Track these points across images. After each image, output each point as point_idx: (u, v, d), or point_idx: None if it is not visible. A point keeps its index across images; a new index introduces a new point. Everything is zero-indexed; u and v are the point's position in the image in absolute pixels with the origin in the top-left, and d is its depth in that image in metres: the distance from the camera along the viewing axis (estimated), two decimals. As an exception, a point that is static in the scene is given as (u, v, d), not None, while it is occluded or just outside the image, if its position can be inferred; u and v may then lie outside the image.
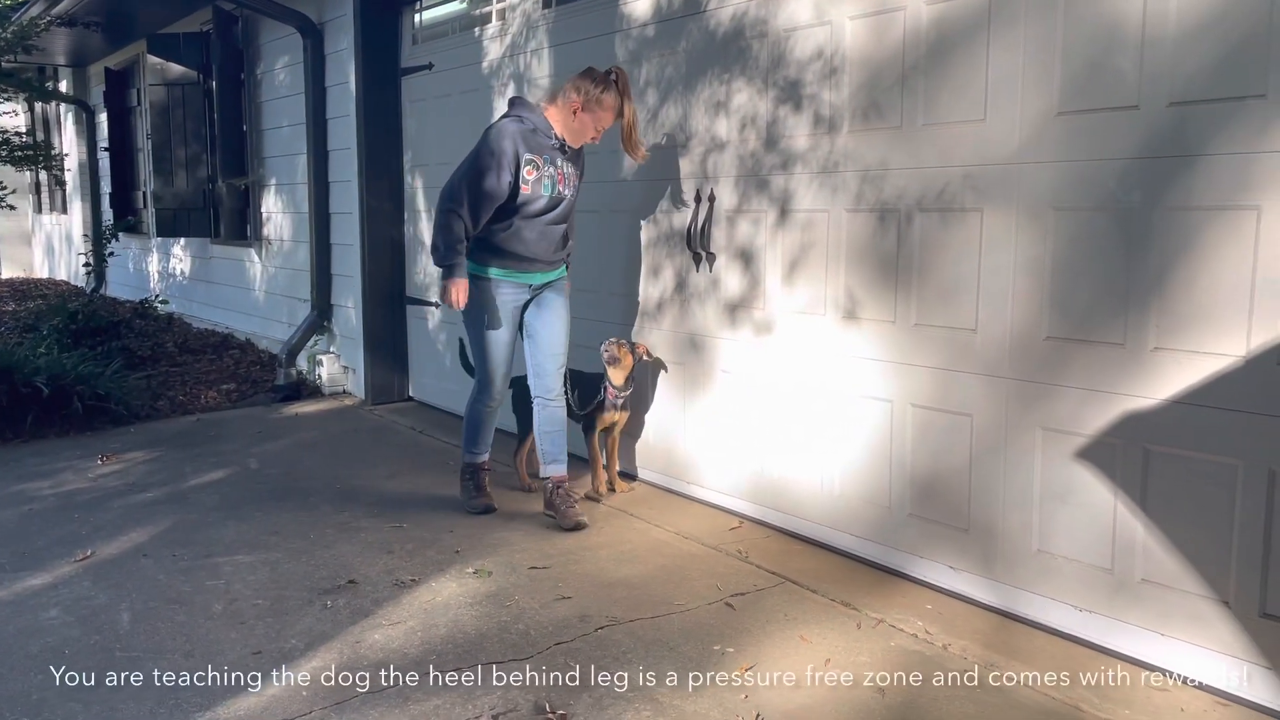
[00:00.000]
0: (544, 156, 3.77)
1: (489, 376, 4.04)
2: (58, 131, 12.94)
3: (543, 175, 3.76)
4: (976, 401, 3.15)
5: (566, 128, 3.80)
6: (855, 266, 3.49)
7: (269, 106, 7.43)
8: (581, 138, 3.83)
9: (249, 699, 2.65)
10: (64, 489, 4.54)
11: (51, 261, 14.29)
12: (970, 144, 3.10)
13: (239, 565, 3.60)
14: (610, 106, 3.75)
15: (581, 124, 3.78)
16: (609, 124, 3.83)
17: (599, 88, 3.73)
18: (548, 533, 3.93)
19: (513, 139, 3.70)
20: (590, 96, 3.73)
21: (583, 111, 3.75)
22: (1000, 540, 3.12)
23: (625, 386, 4.18)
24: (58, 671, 2.81)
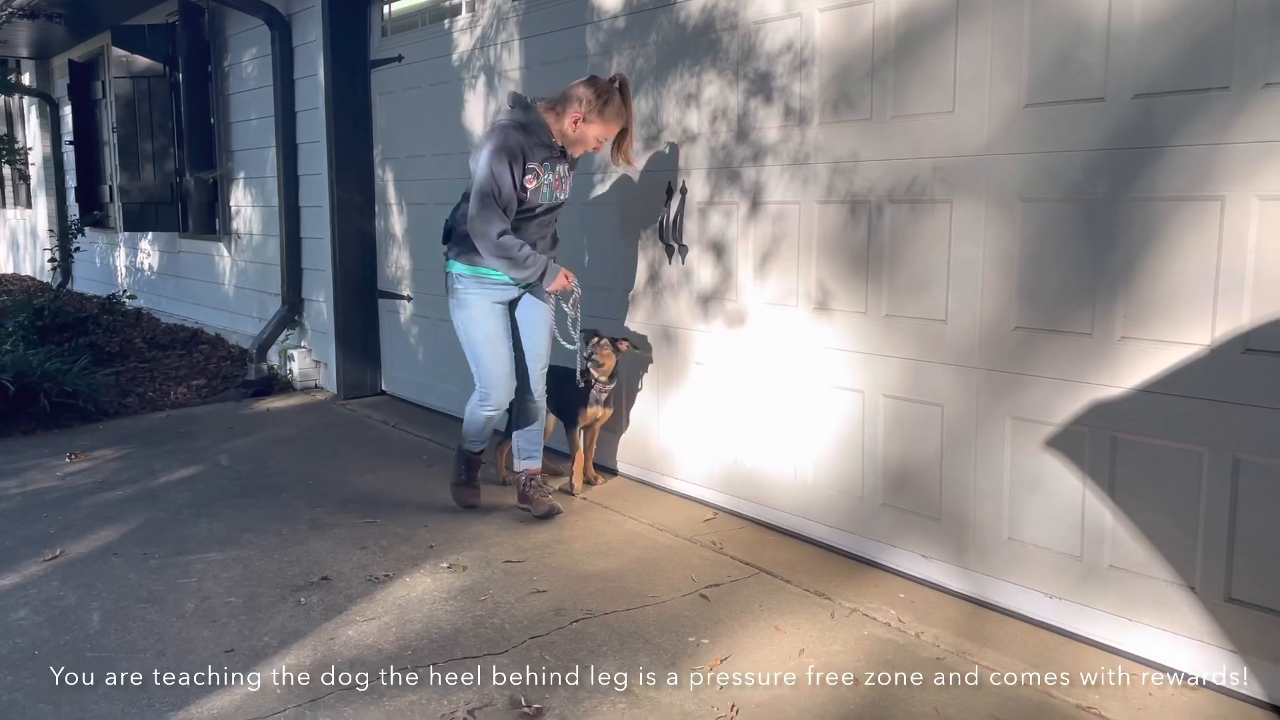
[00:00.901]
0: (544, 165, 3.66)
1: (491, 382, 3.88)
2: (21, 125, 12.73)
3: (542, 184, 3.66)
4: (947, 392, 3.18)
5: (564, 136, 3.67)
6: (827, 258, 3.50)
7: (237, 99, 7.35)
8: (580, 148, 3.71)
9: (222, 697, 2.64)
10: (31, 487, 4.49)
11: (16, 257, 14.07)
12: (940, 135, 3.12)
13: (211, 563, 3.57)
14: (613, 120, 3.63)
15: (581, 135, 3.65)
16: (611, 136, 3.69)
17: (602, 100, 3.58)
18: (522, 527, 3.92)
19: (519, 150, 3.57)
20: (592, 109, 3.58)
21: (584, 124, 3.61)
22: (972, 529, 3.15)
23: (609, 382, 4.14)
24: (27, 672, 2.78)
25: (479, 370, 3.88)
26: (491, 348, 3.83)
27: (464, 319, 3.84)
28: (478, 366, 3.87)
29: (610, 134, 3.67)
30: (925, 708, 2.56)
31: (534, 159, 3.61)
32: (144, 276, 9.46)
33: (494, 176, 3.53)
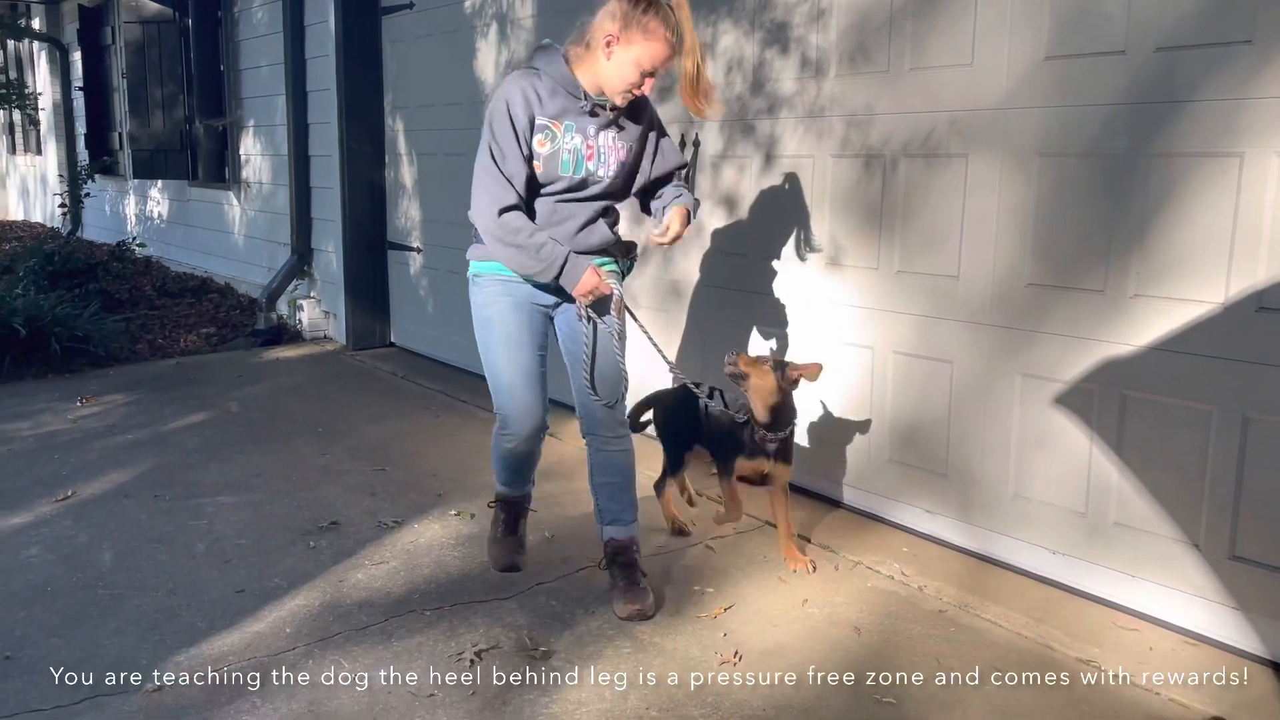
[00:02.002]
0: (564, 123, 2.68)
1: (505, 406, 2.91)
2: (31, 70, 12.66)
3: (560, 148, 2.68)
4: (957, 348, 3.17)
5: (601, 76, 2.65)
6: (840, 213, 3.48)
7: (247, 46, 7.29)
8: (623, 84, 2.62)
9: (232, 636, 2.67)
10: (43, 430, 4.52)
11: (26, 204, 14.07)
12: (957, 88, 3.08)
13: (221, 506, 3.60)
14: (660, 36, 2.56)
15: (620, 66, 2.59)
16: (660, 62, 2.61)
17: (639, 8, 2.56)
18: (530, 476, 3.94)
19: (526, 101, 2.65)
20: (629, 21, 2.56)
21: (619, 45, 2.58)
22: (978, 485, 3.16)
23: (777, 423, 3.00)
24: (40, 608, 2.82)
25: (495, 384, 2.92)
26: (507, 356, 2.86)
27: (477, 323, 2.92)
28: (494, 380, 2.92)
29: (659, 59, 2.59)
30: (926, 658, 2.58)
31: (546, 112, 2.66)
32: (153, 224, 9.45)
33: (494, 137, 2.65)
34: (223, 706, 2.34)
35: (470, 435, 4.49)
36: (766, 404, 2.97)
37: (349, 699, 2.38)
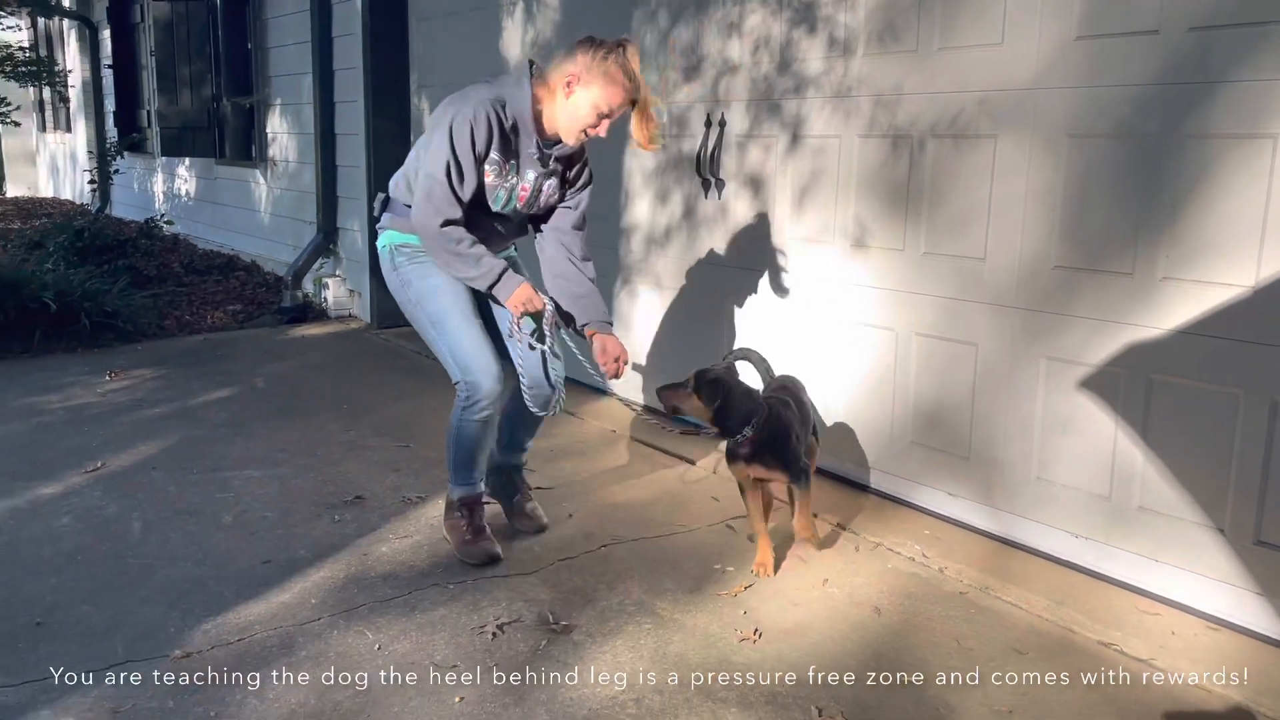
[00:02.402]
0: (512, 164, 2.82)
1: (473, 372, 2.85)
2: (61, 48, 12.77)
3: (500, 185, 2.83)
4: (982, 331, 3.15)
5: (559, 115, 2.78)
6: (865, 194, 3.46)
7: (274, 24, 7.31)
8: (579, 124, 2.76)
9: (259, 605, 2.71)
10: (73, 403, 4.59)
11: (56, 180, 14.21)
12: (987, 68, 3.05)
13: (247, 480, 3.65)
14: (619, 81, 2.71)
15: (577, 106, 2.73)
16: (617, 106, 2.75)
17: (601, 55, 2.71)
18: (553, 457, 3.96)
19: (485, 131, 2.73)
20: (591, 65, 2.71)
21: (580, 85, 2.72)
22: (1000, 468, 3.15)
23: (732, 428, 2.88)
24: (71, 575, 2.87)
25: (454, 352, 2.88)
26: (462, 323, 2.88)
27: (417, 294, 2.93)
28: (451, 349, 2.89)
29: (614, 101, 2.73)
30: (946, 638, 2.59)
31: (499, 149, 2.77)
32: (181, 202, 9.53)
33: (455, 156, 2.71)
34: (249, 674, 2.37)
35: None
36: (708, 418, 2.91)
37: (373, 669, 2.41)
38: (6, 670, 2.38)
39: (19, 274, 5.60)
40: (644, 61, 4.26)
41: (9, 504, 3.37)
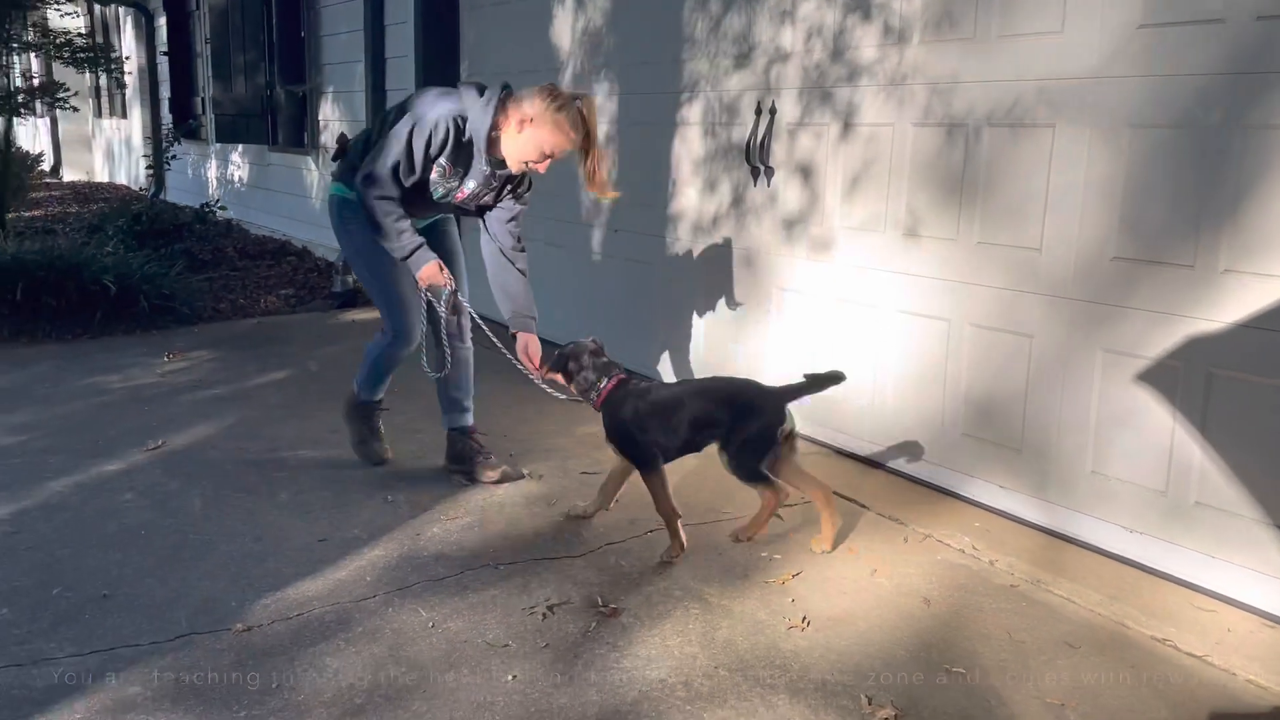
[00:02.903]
0: (457, 169, 3.19)
1: (401, 319, 3.38)
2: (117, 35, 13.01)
3: (441, 182, 3.22)
4: (1037, 322, 3.13)
5: (509, 145, 3.12)
6: (919, 183, 3.44)
7: (327, 12, 7.40)
8: (523, 158, 3.12)
9: (315, 582, 2.77)
10: (133, 383, 4.70)
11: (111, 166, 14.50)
12: (1046, 57, 3.02)
13: (302, 460, 3.72)
14: (564, 130, 3.05)
15: (524, 144, 3.08)
16: (559, 151, 3.11)
17: (556, 104, 3.04)
18: (599, 441, 3.97)
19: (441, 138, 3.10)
20: (545, 111, 3.03)
21: (530, 127, 3.05)
22: (1054, 461, 3.12)
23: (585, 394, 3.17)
24: (135, 550, 2.95)
25: (388, 304, 3.39)
26: (398, 278, 3.33)
27: (360, 246, 3.35)
28: (386, 301, 3.39)
29: (559, 147, 3.09)
30: (997, 630, 2.58)
31: (449, 156, 3.15)
32: (234, 188, 9.69)
33: (409, 151, 3.10)
34: (307, 648, 2.43)
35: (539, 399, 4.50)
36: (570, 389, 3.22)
37: (427, 645, 2.46)
38: (75, 640, 2.45)
39: (80, 257, 5.75)
40: (694, 50, 4.28)
41: (75, 480, 3.47)
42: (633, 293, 4.87)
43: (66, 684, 2.27)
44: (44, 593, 2.68)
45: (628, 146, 4.80)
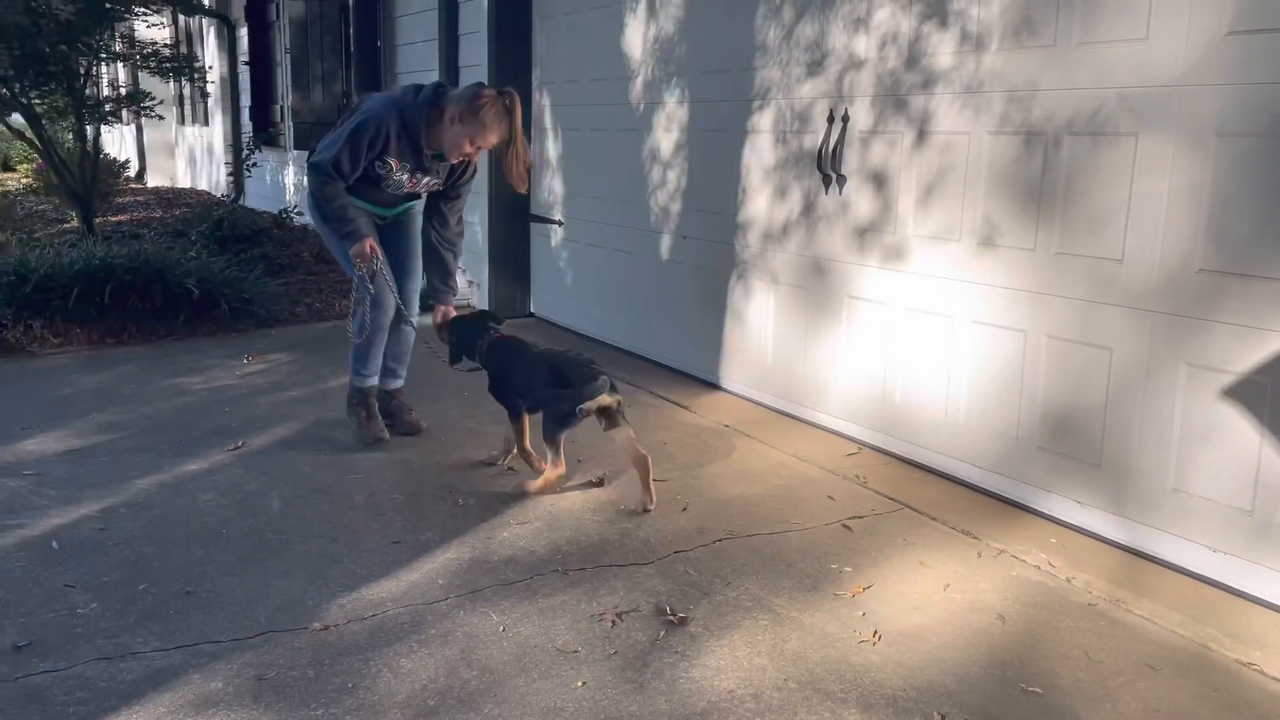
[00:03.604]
0: (403, 163, 3.65)
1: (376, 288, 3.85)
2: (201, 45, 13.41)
3: (392, 176, 3.69)
4: (1118, 335, 3.06)
5: (444, 138, 3.56)
6: (995, 191, 3.39)
7: (403, 22, 7.54)
8: (455, 151, 3.57)
9: (390, 583, 2.82)
10: (214, 384, 4.84)
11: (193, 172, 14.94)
12: (1129, 64, 2.95)
13: (376, 462, 3.79)
14: (489, 128, 3.49)
15: (455, 136, 3.52)
16: (486, 144, 3.56)
17: (478, 104, 3.46)
18: (667, 449, 4.00)
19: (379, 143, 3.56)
20: (468, 110, 3.47)
21: (459, 123, 3.49)
22: (1133, 477, 3.05)
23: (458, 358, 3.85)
24: (216, 548, 3.04)
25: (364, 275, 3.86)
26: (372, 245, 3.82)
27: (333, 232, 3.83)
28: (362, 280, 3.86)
29: (486, 143, 3.55)
30: (1074, 650, 2.53)
31: (392, 152, 3.59)
32: (310, 194, 9.90)
33: (351, 147, 3.55)
34: (382, 649, 2.48)
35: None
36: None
37: (498, 650, 2.49)
38: (160, 635, 2.54)
39: (165, 261, 5.93)
40: (766, 58, 4.27)
41: (158, 479, 3.59)
42: (701, 299, 4.87)
43: (152, 678, 2.35)
44: (131, 588, 2.78)
45: (697, 154, 4.80)
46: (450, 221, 3.94)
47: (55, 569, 2.88)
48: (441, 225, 3.93)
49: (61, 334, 5.53)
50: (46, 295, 5.54)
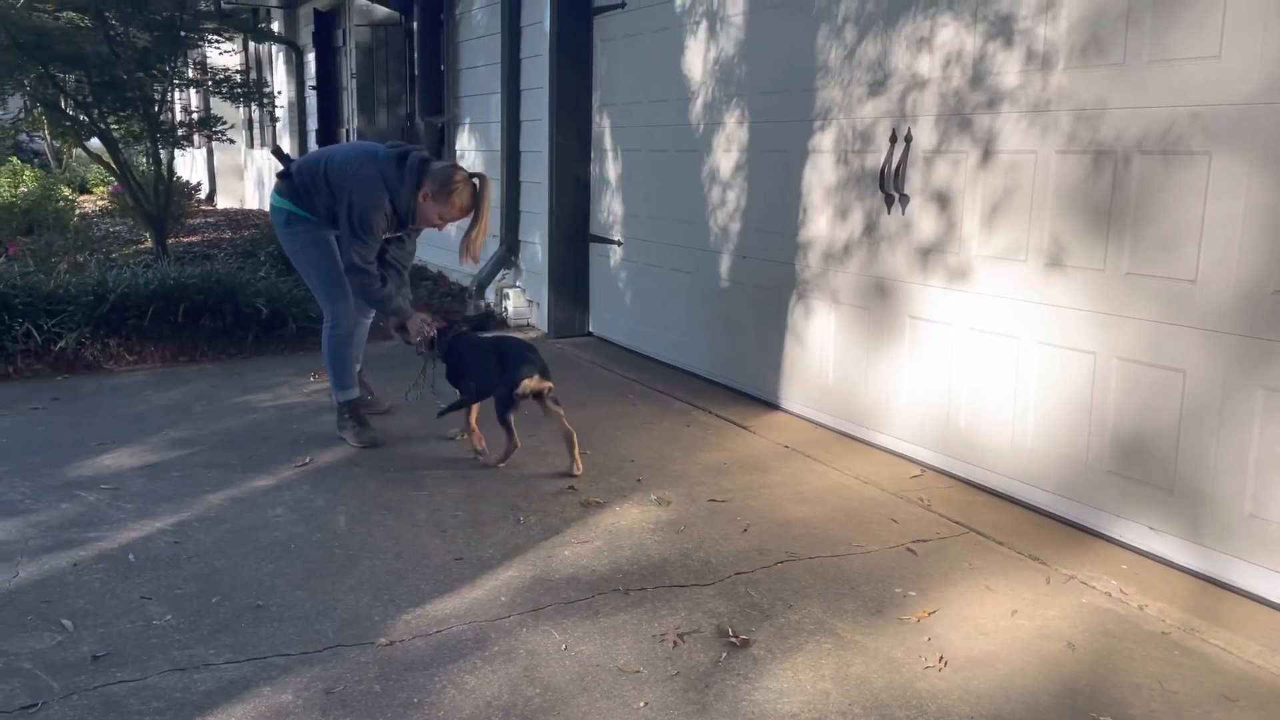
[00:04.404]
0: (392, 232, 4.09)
1: (339, 303, 4.23)
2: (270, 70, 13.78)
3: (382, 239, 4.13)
4: (1191, 358, 2.99)
5: (419, 208, 3.95)
6: (1062, 211, 3.34)
7: (466, 46, 7.68)
8: (424, 222, 4.02)
9: (453, 600, 2.86)
10: (282, 402, 4.95)
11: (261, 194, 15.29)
12: (1202, 82, 2.90)
13: (439, 479, 3.84)
14: (458, 207, 3.94)
15: (428, 210, 3.94)
16: (454, 220, 4.02)
17: (449, 189, 3.89)
18: (726, 469, 4.00)
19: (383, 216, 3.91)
20: (443, 188, 3.89)
21: (431, 200, 3.90)
22: (1208, 503, 2.97)
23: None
24: (285, 563, 3.10)
25: (328, 291, 4.23)
26: (332, 269, 4.19)
27: (304, 247, 4.18)
28: (326, 288, 4.22)
29: (453, 219, 4.01)
30: (1148, 680, 2.46)
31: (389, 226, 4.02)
32: (373, 215, 10.08)
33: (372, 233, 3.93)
34: (446, 665, 2.51)
35: (666, 424, 4.60)
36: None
37: (560, 668, 2.50)
38: (232, 647, 2.59)
39: (236, 281, 6.09)
40: (827, 78, 4.27)
41: (230, 494, 3.68)
42: (760, 319, 4.86)
43: (224, 689, 2.40)
44: (204, 601, 2.85)
45: (757, 174, 4.81)
46: (407, 246, 4.38)
47: (132, 581, 2.96)
48: (399, 247, 4.32)
49: (137, 352, 5.70)
50: (123, 314, 5.71)
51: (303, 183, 4.09)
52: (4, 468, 3.92)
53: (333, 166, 4.02)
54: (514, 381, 3.85)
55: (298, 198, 4.11)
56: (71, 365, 5.49)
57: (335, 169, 4.00)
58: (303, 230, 4.16)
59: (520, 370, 3.86)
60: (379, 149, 4.03)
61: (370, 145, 4.14)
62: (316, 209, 4.10)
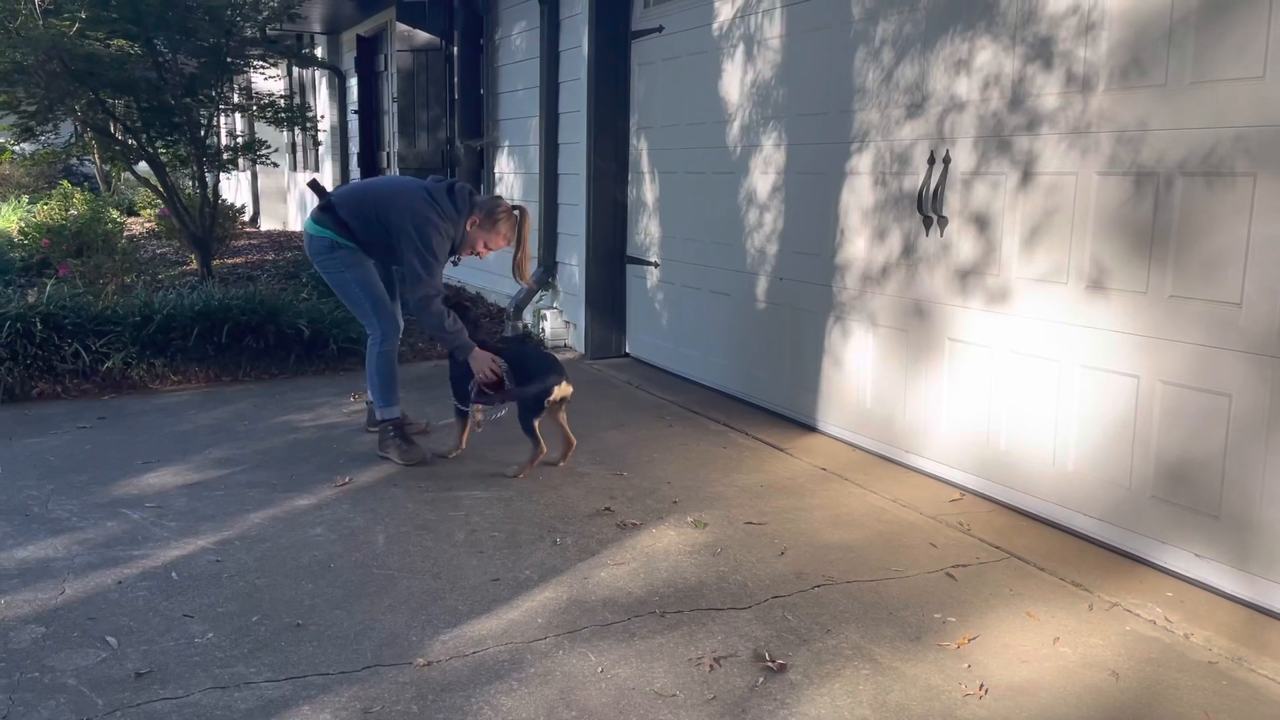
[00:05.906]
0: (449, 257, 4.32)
1: (385, 319, 4.38)
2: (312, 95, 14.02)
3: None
4: (1237, 381, 2.94)
5: (467, 233, 4.22)
6: (1104, 233, 3.31)
7: (505, 71, 7.77)
8: (469, 249, 4.29)
9: (490, 621, 2.87)
10: (323, 421, 5.01)
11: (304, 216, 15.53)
12: (1245, 104, 2.87)
13: (476, 500, 3.87)
14: (502, 234, 4.25)
15: (473, 238, 4.23)
16: (497, 247, 4.32)
17: (494, 219, 4.20)
18: (763, 491, 3.99)
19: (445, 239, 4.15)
20: (488, 218, 4.19)
21: (477, 228, 4.20)
22: (1256, 530, 2.91)
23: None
24: (325, 582, 3.13)
25: (376, 310, 4.37)
26: (375, 289, 4.36)
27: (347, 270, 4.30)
28: (375, 308, 4.36)
29: (496, 247, 4.30)
30: (1193, 710, 2.42)
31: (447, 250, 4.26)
32: (413, 237, 10.20)
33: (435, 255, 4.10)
34: (483, 686, 2.52)
35: (702, 446, 4.59)
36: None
37: (596, 691, 2.50)
38: (272, 666, 2.62)
39: (278, 302, 6.19)
40: (864, 101, 4.28)
41: (271, 513, 3.72)
42: (797, 341, 4.85)
43: (264, 708, 2.43)
44: (245, 619, 2.88)
45: (794, 196, 4.82)
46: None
47: (174, 599, 3.01)
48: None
49: (181, 372, 5.81)
50: (169, 335, 5.82)
51: (346, 214, 4.25)
52: (51, 485, 4.01)
53: (381, 199, 4.21)
54: (547, 388, 3.99)
55: (340, 226, 4.25)
56: (118, 385, 5.59)
57: (384, 201, 4.19)
58: (346, 254, 4.28)
59: (550, 378, 4.02)
60: (426, 183, 4.25)
61: (414, 179, 4.43)
62: (357, 238, 4.25)
